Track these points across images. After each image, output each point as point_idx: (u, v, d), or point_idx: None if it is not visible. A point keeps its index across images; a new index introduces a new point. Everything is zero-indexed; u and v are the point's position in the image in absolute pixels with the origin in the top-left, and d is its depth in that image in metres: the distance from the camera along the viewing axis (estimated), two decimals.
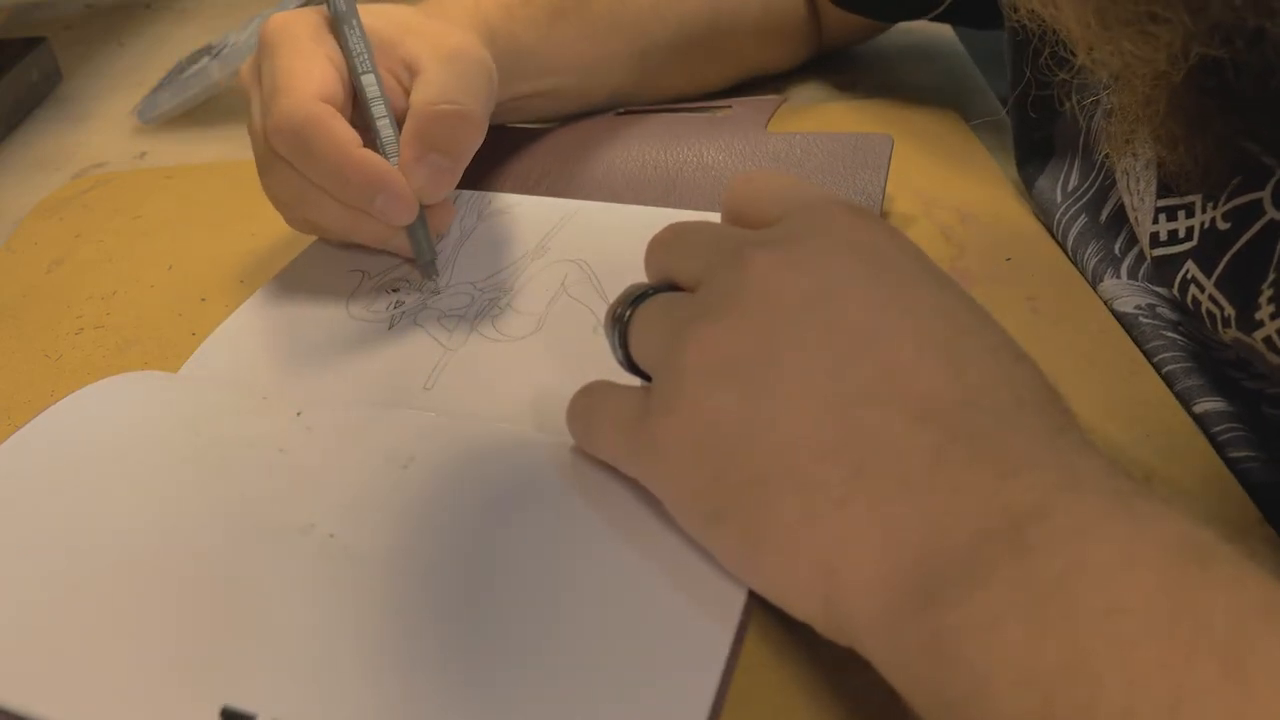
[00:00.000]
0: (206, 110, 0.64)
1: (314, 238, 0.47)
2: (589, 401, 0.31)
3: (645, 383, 0.30)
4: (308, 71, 0.40)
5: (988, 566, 0.21)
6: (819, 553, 0.24)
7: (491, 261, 0.45)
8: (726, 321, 0.26)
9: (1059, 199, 0.47)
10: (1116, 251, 0.43)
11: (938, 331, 0.25)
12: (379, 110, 0.41)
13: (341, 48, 0.42)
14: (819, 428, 0.25)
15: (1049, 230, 0.47)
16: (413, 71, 0.42)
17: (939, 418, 0.24)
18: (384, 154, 0.41)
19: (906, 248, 0.28)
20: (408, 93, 0.42)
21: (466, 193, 0.49)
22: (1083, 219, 0.44)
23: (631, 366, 0.31)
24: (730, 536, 0.26)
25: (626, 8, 0.53)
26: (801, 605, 0.25)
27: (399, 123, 0.42)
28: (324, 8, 0.42)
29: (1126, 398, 0.38)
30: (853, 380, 0.25)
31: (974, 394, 0.24)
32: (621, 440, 0.29)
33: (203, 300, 0.45)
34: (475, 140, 0.41)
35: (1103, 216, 0.45)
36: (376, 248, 0.44)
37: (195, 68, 0.64)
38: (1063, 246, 0.47)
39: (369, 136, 0.41)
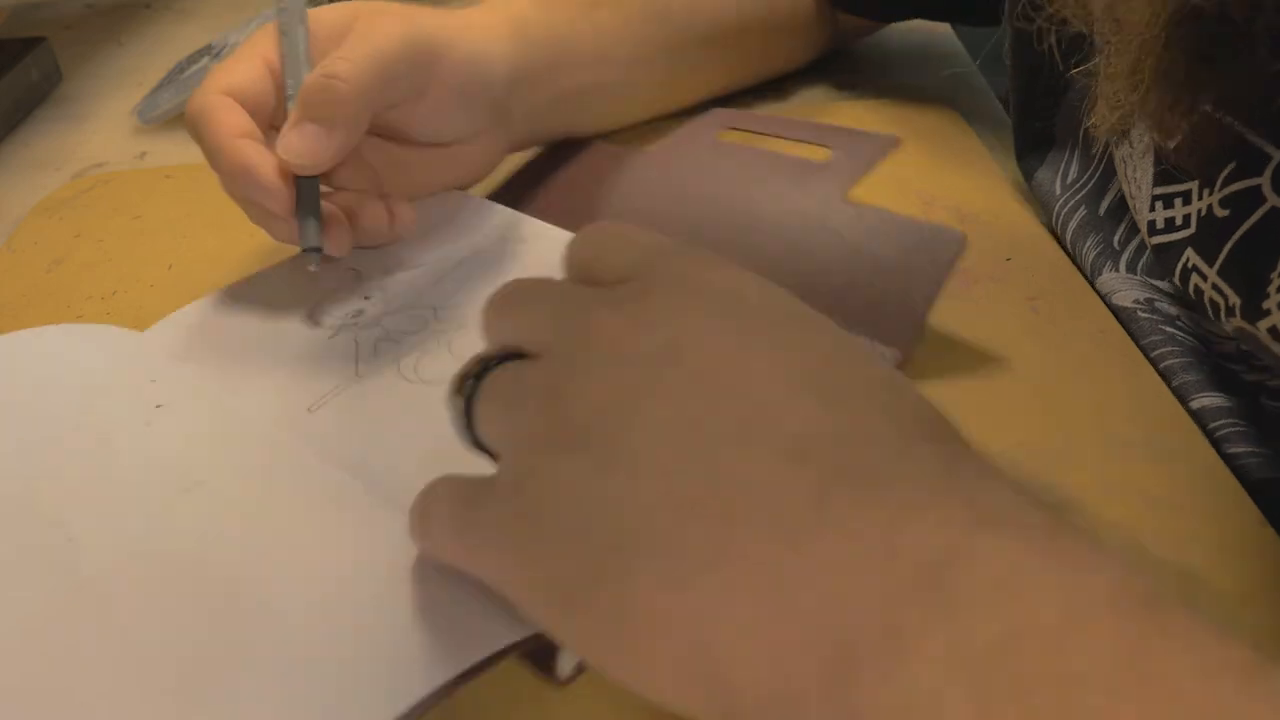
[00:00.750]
0: None
1: None
2: (427, 493, 0.27)
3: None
4: (229, 68, 0.41)
5: (914, 631, 0.18)
6: (690, 627, 0.20)
7: (472, 291, 0.42)
8: (575, 388, 0.24)
9: (1058, 191, 0.47)
10: (1115, 244, 0.43)
11: (807, 367, 0.23)
12: (289, 83, 0.41)
13: (280, 42, 0.42)
14: (680, 482, 0.21)
15: (1048, 223, 0.47)
16: None
17: (817, 455, 0.21)
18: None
19: (767, 289, 0.26)
20: None
21: (501, 209, 0.47)
22: (1082, 211, 0.44)
23: (479, 446, 0.27)
24: (587, 623, 0.22)
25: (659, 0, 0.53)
26: (677, 695, 0.21)
27: None
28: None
29: (1126, 398, 0.38)
30: (716, 427, 0.22)
31: (852, 427, 0.22)
32: (456, 530, 0.25)
33: None
34: (349, 112, 0.40)
35: (1102, 209, 0.45)
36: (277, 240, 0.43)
37: (195, 68, 0.64)
38: (1061, 240, 0.47)
39: None
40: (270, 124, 0.42)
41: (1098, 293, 0.42)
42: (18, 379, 0.38)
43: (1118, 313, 0.41)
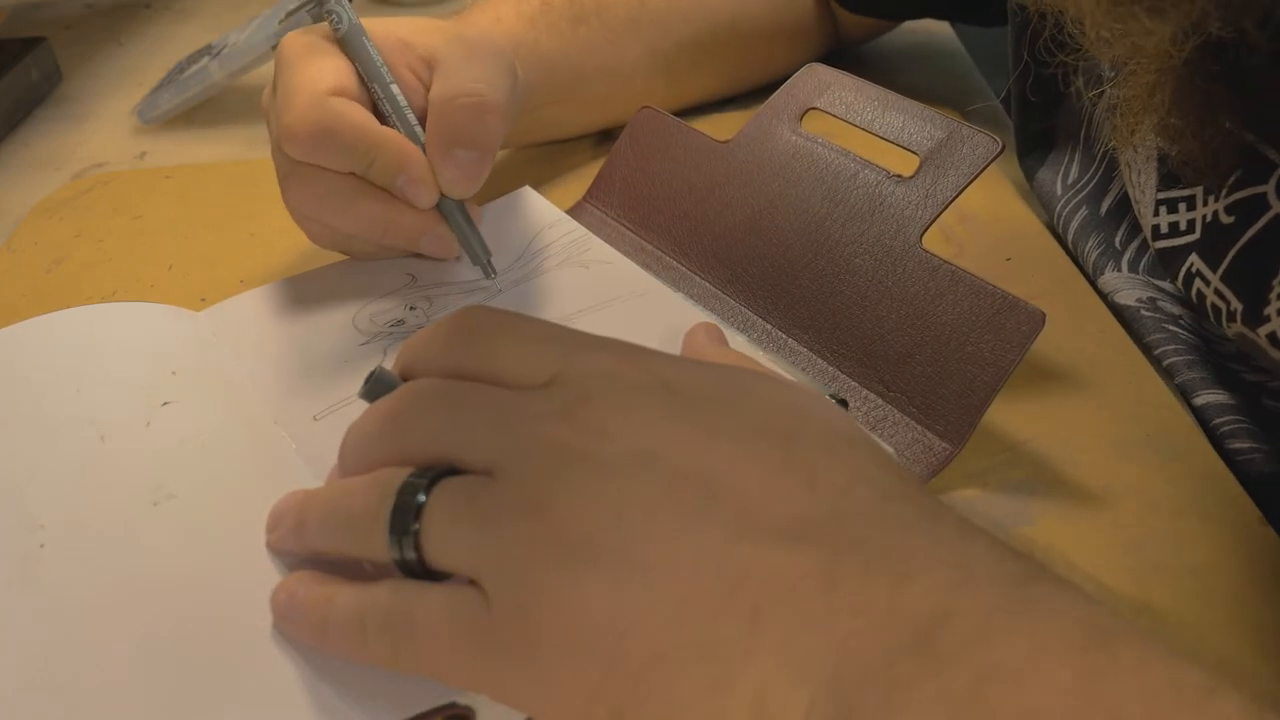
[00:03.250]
0: (206, 110, 0.64)
1: None
2: (389, 607, 0.25)
3: (447, 581, 0.26)
4: (319, 72, 0.39)
5: (905, 687, 0.20)
6: (739, 715, 0.22)
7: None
8: (562, 503, 0.24)
9: (1059, 191, 0.47)
10: (1117, 244, 0.43)
11: (770, 446, 0.24)
12: (409, 117, 0.41)
13: (356, 60, 0.41)
14: (701, 584, 0.22)
15: (1049, 223, 0.47)
16: (431, 66, 0.42)
17: (815, 536, 0.23)
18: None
19: (687, 368, 0.26)
20: (429, 89, 0.41)
21: (564, 220, 0.46)
22: (1083, 211, 0.44)
23: (424, 570, 0.25)
24: None
25: (646, 9, 0.53)
26: None
27: (422, 122, 0.41)
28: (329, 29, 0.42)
29: (1127, 398, 0.38)
30: (713, 526, 0.23)
31: (835, 501, 0.23)
32: (466, 652, 0.24)
33: (202, 300, 0.45)
34: (498, 130, 0.40)
35: (1103, 209, 0.45)
36: (409, 250, 0.43)
37: (195, 68, 0.64)
38: (1063, 239, 0.46)
39: None
40: None
41: (1099, 292, 0.42)
42: (43, 361, 0.37)
43: (1120, 311, 0.41)
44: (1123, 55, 0.30)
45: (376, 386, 0.29)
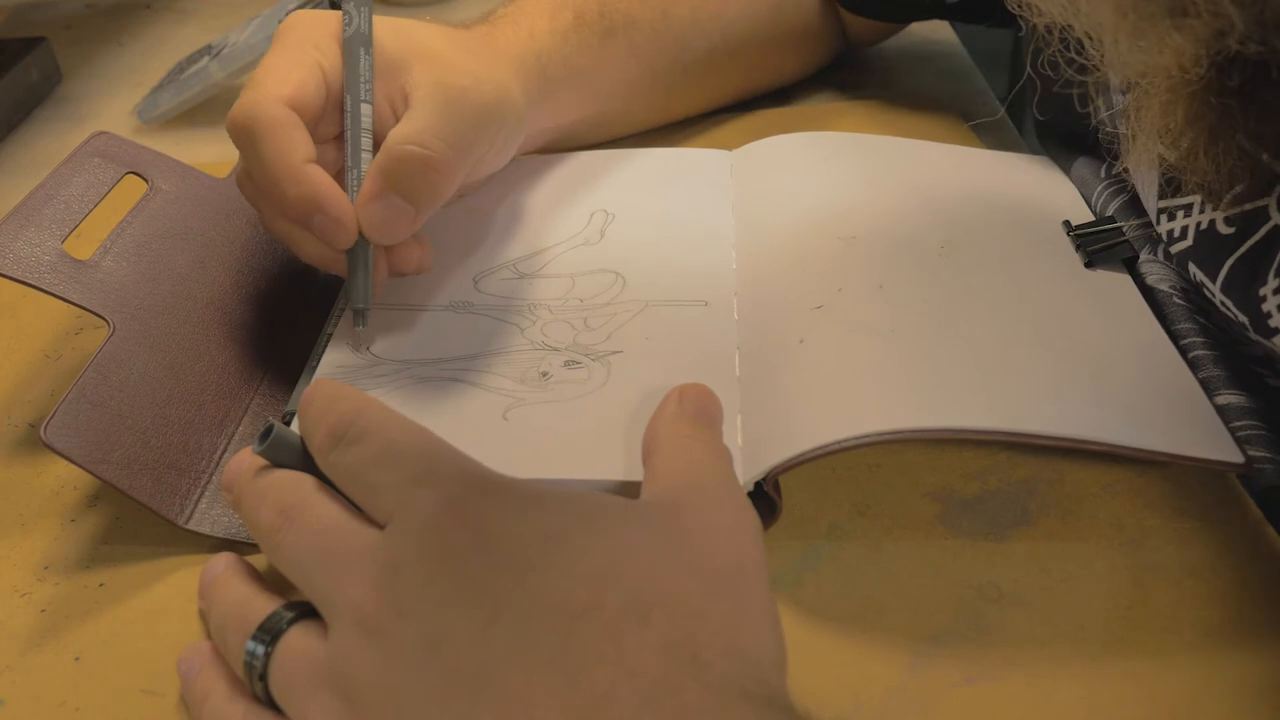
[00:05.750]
0: (206, 110, 0.64)
1: None
2: None
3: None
4: (286, 72, 0.38)
5: None
6: None
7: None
8: (357, 692, 0.25)
9: (1102, 174, 0.45)
10: (1157, 232, 0.42)
11: (547, 634, 0.25)
12: (362, 142, 0.39)
13: (345, 66, 0.40)
14: None
15: (1087, 202, 0.46)
16: (407, 104, 0.40)
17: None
18: (348, 184, 0.39)
19: (513, 516, 0.27)
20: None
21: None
22: (1123, 196, 0.43)
23: (270, 701, 0.28)
24: None
25: (669, 23, 0.53)
26: None
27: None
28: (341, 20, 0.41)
29: None
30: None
31: (593, 711, 0.24)
32: None
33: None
34: (441, 189, 0.38)
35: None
36: (321, 269, 0.42)
37: (195, 68, 0.64)
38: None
39: (342, 158, 0.40)
40: (313, 133, 0.39)
41: (1135, 272, 0.41)
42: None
43: (1152, 293, 0.40)
44: (1137, 72, 0.30)
45: (273, 450, 0.31)
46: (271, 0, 0.64)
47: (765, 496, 0.33)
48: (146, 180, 0.42)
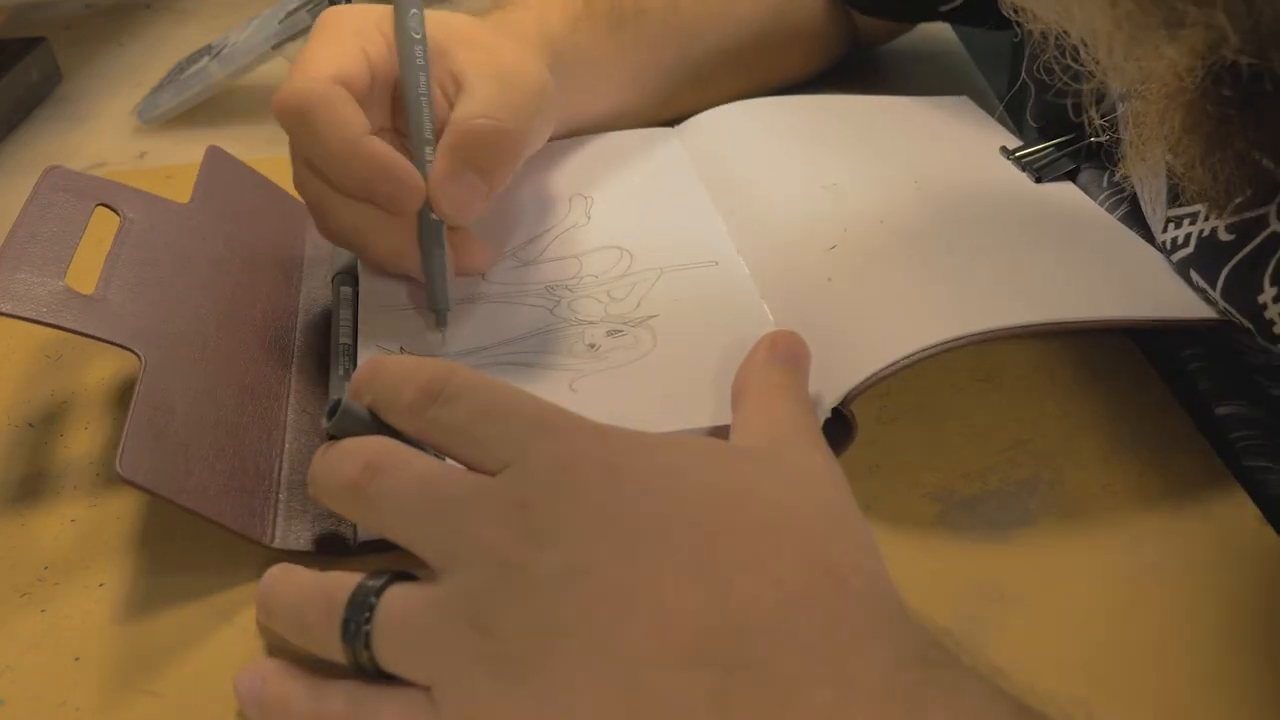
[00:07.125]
0: (206, 110, 0.64)
1: None
2: (344, 718, 0.27)
3: (391, 683, 0.27)
4: (330, 55, 0.38)
5: None
6: None
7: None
8: (494, 626, 0.25)
9: (1099, 190, 0.45)
10: (1159, 243, 0.42)
11: (690, 550, 0.25)
12: (420, 108, 0.39)
13: (399, 50, 0.39)
14: (607, 709, 0.24)
15: None
16: (459, 86, 0.40)
17: (713, 656, 0.24)
18: (416, 159, 0.39)
19: (636, 453, 0.28)
20: (452, 107, 0.39)
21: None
22: (1125, 206, 0.43)
23: (379, 673, 0.27)
24: None
25: (680, 14, 0.53)
26: None
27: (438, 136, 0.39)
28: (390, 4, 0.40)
29: (1128, 397, 0.38)
30: (624, 647, 0.24)
31: (741, 615, 0.24)
32: None
33: None
34: (513, 161, 0.39)
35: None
36: (389, 270, 0.41)
37: (195, 68, 0.64)
38: None
39: (401, 142, 0.39)
40: None
41: None
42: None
43: None
44: (1132, 80, 0.30)
45: (344, 421, 0.30)
46: (271, 0, 0.64)
47: (840, 421, 0.35)
48: (116, 211, 0.41)
